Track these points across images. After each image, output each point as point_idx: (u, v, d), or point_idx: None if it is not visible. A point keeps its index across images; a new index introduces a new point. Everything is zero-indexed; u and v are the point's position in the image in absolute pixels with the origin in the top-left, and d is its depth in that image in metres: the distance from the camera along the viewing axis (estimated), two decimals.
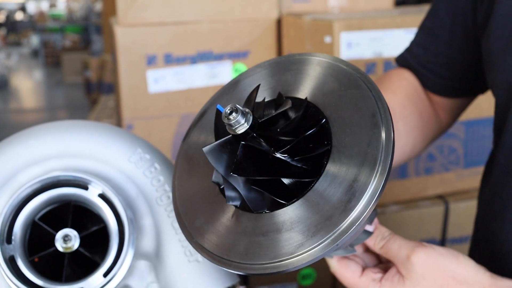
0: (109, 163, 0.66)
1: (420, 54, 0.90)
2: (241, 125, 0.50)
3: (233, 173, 0.51)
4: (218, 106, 0.54)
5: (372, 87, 0.52)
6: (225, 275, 0.64)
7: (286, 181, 0.52)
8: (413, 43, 0.92)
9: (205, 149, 0.52)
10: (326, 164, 0.51)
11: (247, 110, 0.51)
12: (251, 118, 0.50)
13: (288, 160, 0.52)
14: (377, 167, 0.48)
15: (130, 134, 0.69)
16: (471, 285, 0.60)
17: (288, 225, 0.50)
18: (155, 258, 0.64)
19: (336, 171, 0.50)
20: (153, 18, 1.64)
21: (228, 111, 0.50)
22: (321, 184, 0.50)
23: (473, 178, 1.70)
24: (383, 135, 0.49)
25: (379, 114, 0.50)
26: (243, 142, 0.51)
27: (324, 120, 0.53)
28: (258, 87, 0.55)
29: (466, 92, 0.91)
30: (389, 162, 0.48)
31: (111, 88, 4.58)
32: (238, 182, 0.52)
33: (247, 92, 0.58)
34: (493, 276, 0.61)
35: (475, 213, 0.90)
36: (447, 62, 0.87)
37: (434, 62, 0.88)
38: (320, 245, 0.48)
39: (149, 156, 0.67)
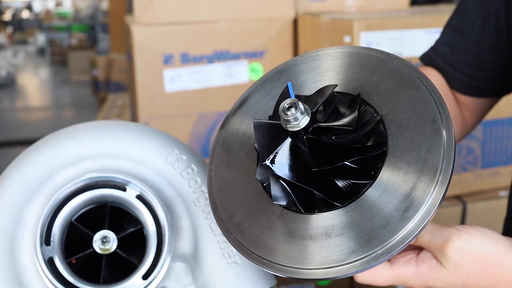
0: (146, 164, 0.65)
1: (448, 53, 0.88)
2: (296, 123, 0.47)
3: (266, 164, 0.48)
4: (289, 84, 0.51)
5: (432, 89, 0.50)
6: (264, 277, 0.63)
7: (340, 183, 0.49)
8: (440, 42, 0.90)
9: (255, 120, 0.49)
10: (381, 168, 0.48)
11: (306, 109, 0.48)
12: (307, 120, 0.47)
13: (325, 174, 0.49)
14: (437, 176, 0.46)
15: (166, 135, 0.68)
16: (508, 269, 0.58)
17: (339, 229, 0.47)
18: (193, 260, 0.63)
19: (392, 176, 0.47)
20: (170, 18, 1.63)
21: (287, 106, 0.47)
22: (375, 189, 0.48)
23: (490, 178, 1.69)
24: (445, 142, 0.47)
25: (441, 119, 0.48)
26: (290, 139, 0.49)
27: (379, 120, 0.50)
28: (335, 86, 0.51)
29: (494, 92, 0.90)
30: (450, 172, 0.46)
31: (118, 86, 4.59)
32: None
33: (293, 83, 0.55)
34: None
35: (505, 215, 0.89)
36: (476, 62, 0.86)
37: (463, 62, 0.86)
38: (373, 254, 0.45)
39: (186, 157, 0.66)
